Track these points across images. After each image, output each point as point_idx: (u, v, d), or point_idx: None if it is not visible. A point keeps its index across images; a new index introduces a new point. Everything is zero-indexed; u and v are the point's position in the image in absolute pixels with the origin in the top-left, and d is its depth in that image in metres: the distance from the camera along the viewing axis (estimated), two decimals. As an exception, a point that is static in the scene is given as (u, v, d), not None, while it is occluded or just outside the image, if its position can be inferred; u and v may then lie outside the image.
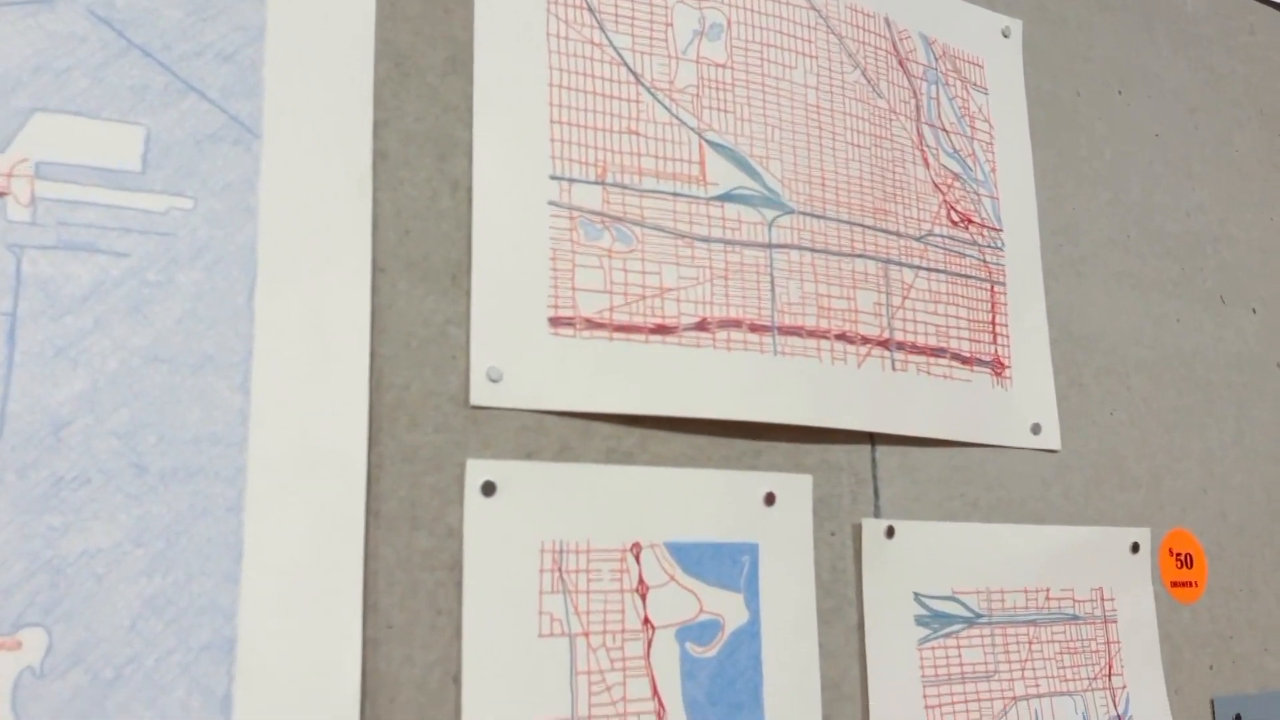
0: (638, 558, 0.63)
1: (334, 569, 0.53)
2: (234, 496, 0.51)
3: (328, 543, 0.53)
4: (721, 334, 0.67)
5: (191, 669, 0.49)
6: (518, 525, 0.59)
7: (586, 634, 0.60)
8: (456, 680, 0.56)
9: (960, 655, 0.73)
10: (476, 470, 0.59)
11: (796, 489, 0.69)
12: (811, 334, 0.70)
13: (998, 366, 0.80)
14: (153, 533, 0.50)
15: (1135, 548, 0.84)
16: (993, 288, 0.81)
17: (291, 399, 0.54)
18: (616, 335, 0.64)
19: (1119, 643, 0.81)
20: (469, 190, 0.62)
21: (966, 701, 0.73)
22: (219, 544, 0.51)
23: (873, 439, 0.74)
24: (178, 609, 0.49)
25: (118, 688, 0.47)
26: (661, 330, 0.65)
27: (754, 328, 0.68)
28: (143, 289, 0.51)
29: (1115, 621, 0.82)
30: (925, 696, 0.71)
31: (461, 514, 0.58)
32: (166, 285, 0.52)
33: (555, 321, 0.62)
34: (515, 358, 0.61)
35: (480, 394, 0.60)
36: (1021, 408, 0.81)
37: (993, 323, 0.80)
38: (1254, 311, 0.99)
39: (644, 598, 0.62)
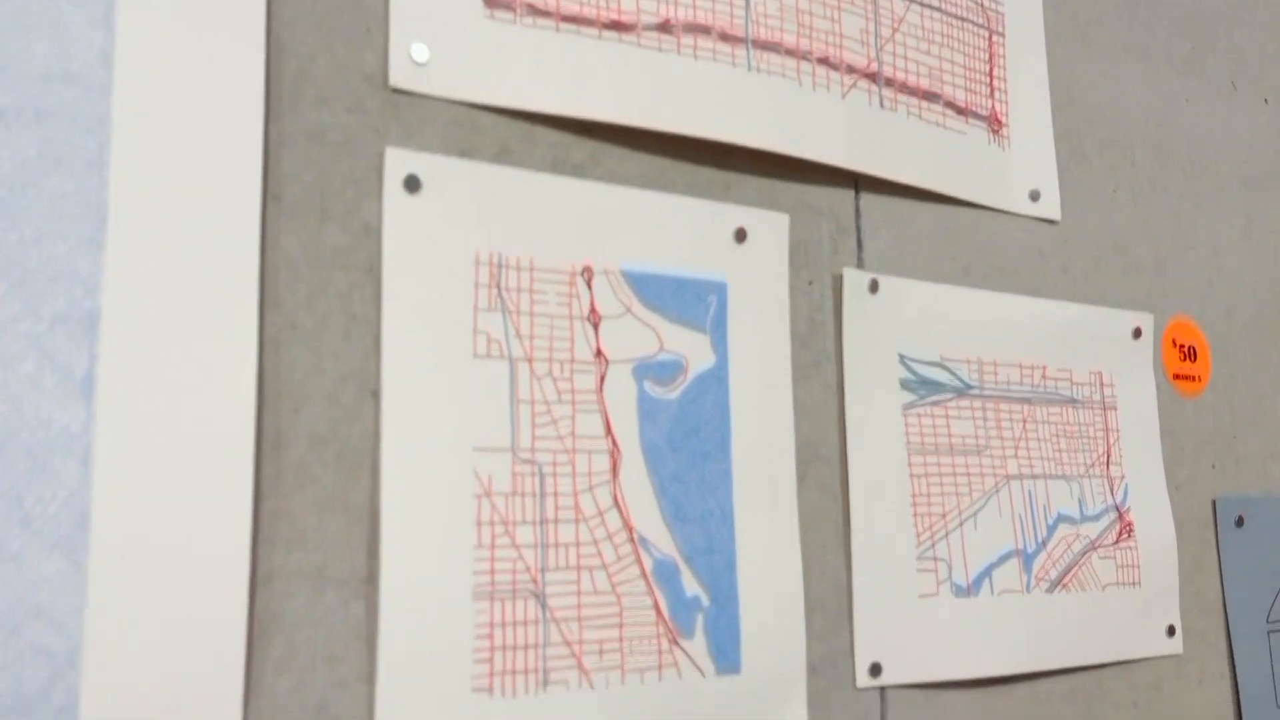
0: (589, 282, 0.55)
1: (222, 251, 0.45)
2: (94, 149, 0.43)
3: (215, 218, 0.45)
4: (687, 39, 0.58)
5: (43, 342, 0.41)
6: (447, 229, 0.51)
7: (530, 359, 0.52)
8: (375, 395, 0.49)
9: (949, 425, 0.67)
10: (398, 160, 0.50)
11: (771, 227, 0.61)
12: (790, 52, 0.62)
13: (995, 123, 0.72)
14: (-10, 179, 0.41)
15: (1137, 333, 0.77)
16: (990, 36, 0.73)
17: (166, 44, 0.45)
18: (564, 26, 0.55)
19: (1118, 431, 0.75)
20: None
21: (955, 475, 0.66)
22: (76, 202, 0.42)
23: (856, 183, 0.66)
24: (24, 270, 0.41)
25: (-54, 351, 0.39)
26: (617, 26, 0.56)
27: (724, 36, 0.59)
28: (-27, -109, 0.42)
29: (1115, 409, 0.75)
30: (910, 464, 0.64)
31: (380, 209, 0.50)
32: (4, -109, 0.42)
33: (491, 2, 0.53)
34: (443, 38, 0.52)
35: (401, 75, 0.51)
36: (1019, 170, 0.73)
37: (990, 74, 0.72)
38: (1266, 102, 0.91)
39: (596, 327, 0.55)
